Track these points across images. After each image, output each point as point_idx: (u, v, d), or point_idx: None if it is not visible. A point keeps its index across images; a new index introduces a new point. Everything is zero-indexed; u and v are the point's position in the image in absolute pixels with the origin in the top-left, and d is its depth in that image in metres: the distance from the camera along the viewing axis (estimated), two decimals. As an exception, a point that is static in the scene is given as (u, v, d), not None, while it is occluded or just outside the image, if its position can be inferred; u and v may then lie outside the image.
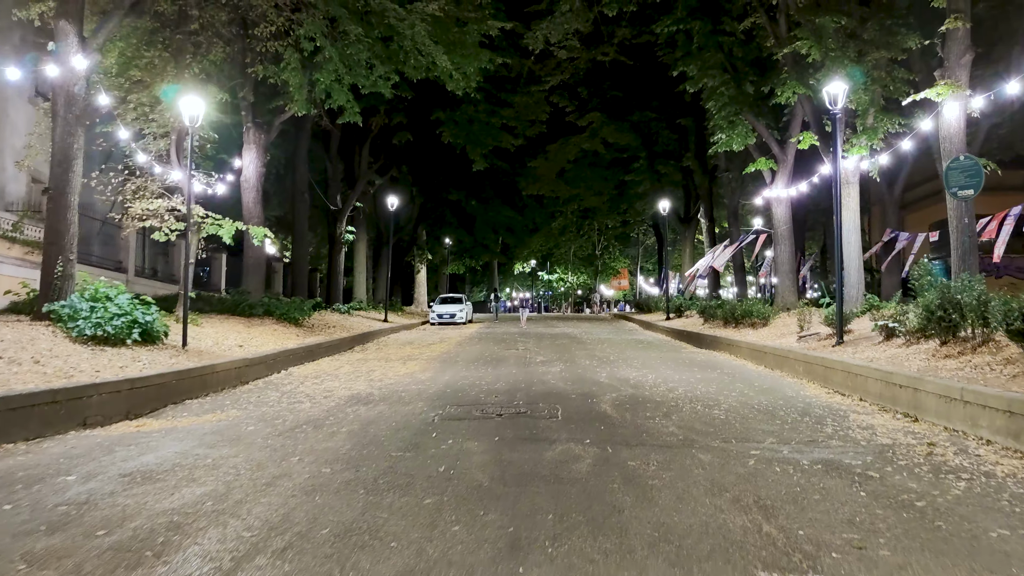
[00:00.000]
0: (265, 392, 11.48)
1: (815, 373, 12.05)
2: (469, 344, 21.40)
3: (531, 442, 7.13)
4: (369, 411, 9.29)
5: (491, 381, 12.35)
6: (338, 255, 30.16)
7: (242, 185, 20.60)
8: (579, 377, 12.75)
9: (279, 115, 20.69)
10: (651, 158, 36.08)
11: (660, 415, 8.74)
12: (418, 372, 14.05)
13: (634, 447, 6.91)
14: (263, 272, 21.33)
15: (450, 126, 31.29)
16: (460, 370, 14.25)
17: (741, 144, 20.42)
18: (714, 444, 7.06)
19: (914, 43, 15.00)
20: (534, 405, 9.52)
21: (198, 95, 19.17)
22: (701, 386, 11.49)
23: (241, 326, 17.82)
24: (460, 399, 10.25)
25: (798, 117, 19.98)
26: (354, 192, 30.34)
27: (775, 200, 20.90)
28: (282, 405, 10.01)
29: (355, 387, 11.88)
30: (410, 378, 13.05)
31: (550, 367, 14.54)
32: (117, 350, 11.19)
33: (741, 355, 16.24)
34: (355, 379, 13.02)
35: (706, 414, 8.84)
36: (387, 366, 15.29)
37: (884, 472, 5.99)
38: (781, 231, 20.87)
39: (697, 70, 20.54)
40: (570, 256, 69.95)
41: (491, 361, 16.04)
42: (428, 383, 12.23)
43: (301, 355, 16.16)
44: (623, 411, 9.02)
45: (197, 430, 8.09)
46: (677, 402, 9.81)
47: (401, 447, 6.97)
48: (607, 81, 34.04)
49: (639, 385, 11.63)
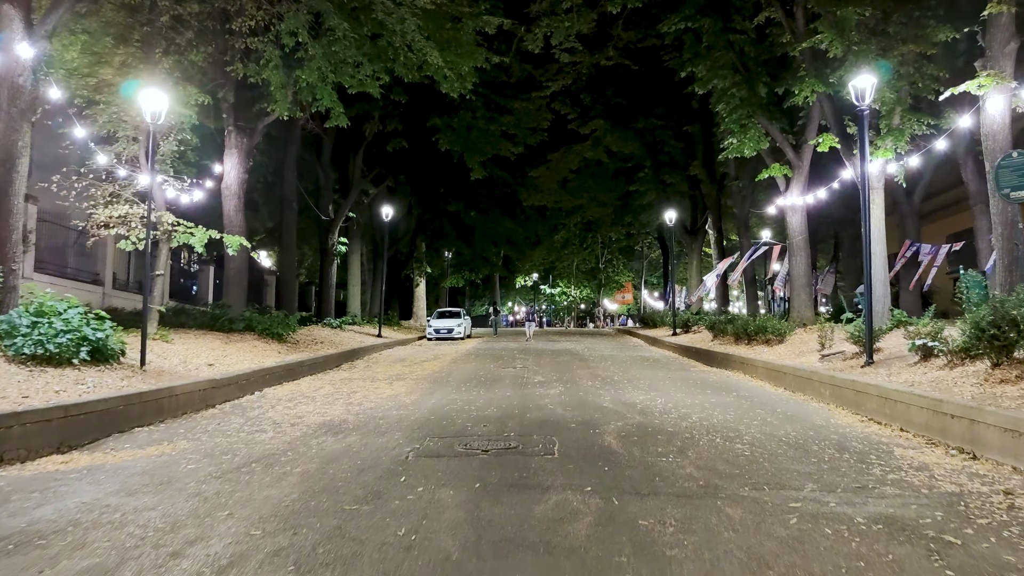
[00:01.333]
0: (228, 418, 10.23)
1: (844, 398, 10.76)
2: (464, 361, 20.13)
3: (519, 490, 5.85)
4: (336, 443, 8.03)
5: (482, 406, 11.08)
6: (330, 267, 28.90)
7: (223, 192, 19.43)
8: (580, 401, 11.47)
9: (263, 118, 19.53)
10: (656, 167, 34.85)
11: (674, 450, 7.46)
12: (404, 394, 12.78)
13: (646, 497, 5.63)
14: (244, 284, 20.11)
15: (447, 133, 30.05)
16: (450, 392, 12.98)
17: (753, 149, 19.19)
18: (743, 492, 5.79)
19: (945, 36, 13.79)
20: (527, 437, 8.24)
21: (174, 96, 18.14)
22: (717, 412, 10.20)
23: (218, 342, 16.59)
24: (443, 428, 8.98)
25: (814, 120, 18.78)
26: (347, 202, 29.12)
27: (790, 209, 19.65)
28: (241, 435, 8.75)
29: (330, 412, 10.62)
30: (393, 401, 11.78)
31: (549, 389, 13.26)
32: (61, 371, 9.93)
33: (757, 375, 14.95)
34: (332, 402, 11.76)
35: (727, 449, 7.56)
36: (371, 387, 14.03)
37: (964, 535, 4.71)
38: (796, 242, 19.61)
39: (706, 71, 19.35)
40: (573, 269, 68.67)
41: (485, 381, 14.77)
42: (412, 408, 10.96)
43: (279, 374, 14.90)
44: (630, 445, 7.74)
45: (127, 468, 6.83)
46: (692, 433, 8.53)
47: (359, 497, 5.69)
48: (610, 87, 32.87)
49: (647, 411, 10.35)
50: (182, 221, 14.94)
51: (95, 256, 22.66)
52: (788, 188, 19.70)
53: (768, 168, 19.52)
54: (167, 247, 15.14)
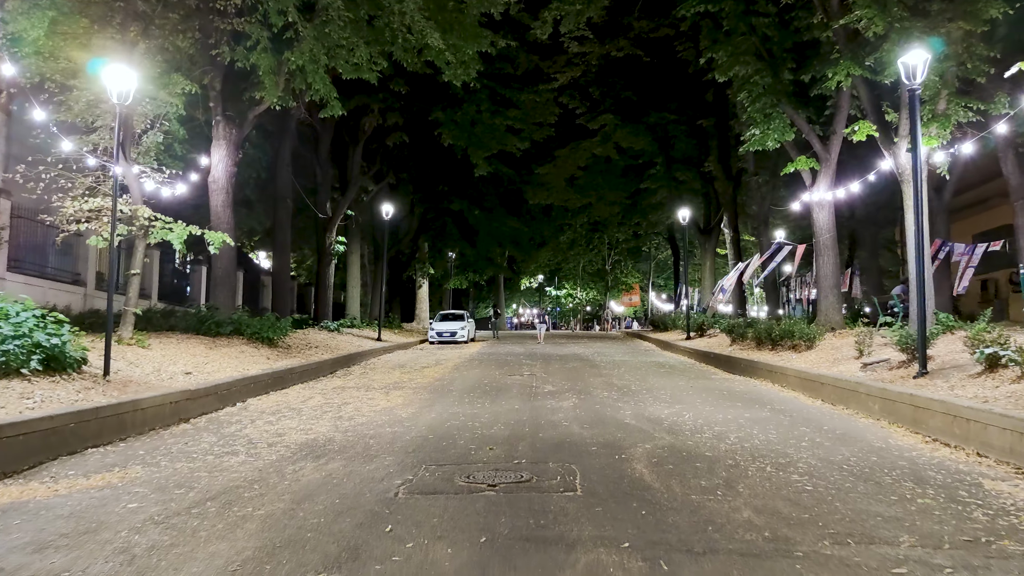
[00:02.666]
0: (199, 436, 8.97)
1: (899, 413, 9.46)
2: (468, 368, 18.86)
3: (537, 547, 4.56)
4: (315, 472, 6.77)
5: (487, 421, 9.81)
6: (327, 267, 27.60)
7: (210, 187, 18.20)
8: (598, 416, 10.19)
9: (253, 108, 18.28)
10: (668, 163, 33.49)
11: (720, 483, 6.18)
12: (400, 406, 11.52)
13: (701, 557, 4.35)
14: (234, 285, 18.87)
15: (450, 127, 28.68)
16: (451, 404, 11.71)
17: (777, 141, 17.89)
18: (823, 549, 4.51)
19: (997, 11, 12.49)
20: (542, 465, 6.97)
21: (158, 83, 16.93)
22: (757, 431, 8.91)
23: (202, 348, 15.34)
24: (443, 452, 7.70)
25: (843, 109, 17.46)
26: (345, 199, 27.80)
27: (816, 204, 18.33)
28: (207, 459, 7.50)
29: (315, 429, 9.36)
30: (388, 415, 10.52)
31: (561, 400, 11.97)
32: (6, 383, 8.67)
33: (789, 385, 13.64)
34: (320, 416, 10.51)
35: (783, 482, 6.28)
36: (365, 397, 12.77)
37: None
38: (824, 240, 18.28)
39: (727, 56, 18.02)
40: (579, 271, 67.31)
41: (490, 391, 13.50)
42: (408, 424, 9.70)
43: (266, 383, 13.66)
44: (666, 476, 6.46)
45: (53, 509, 5.57)
46: (735, 459, 7.25)
47: (331, 556, 4.42)
48: (621, 80, 31.52)
49: (676, 429, 9.06)
50: (160, 216, 13.70)
51: (77, 254, 21.43)
52: (815, 182, 18.38)
53: (793, 161, 18.20)
54: (143, 244, 13.90)
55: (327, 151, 27.35)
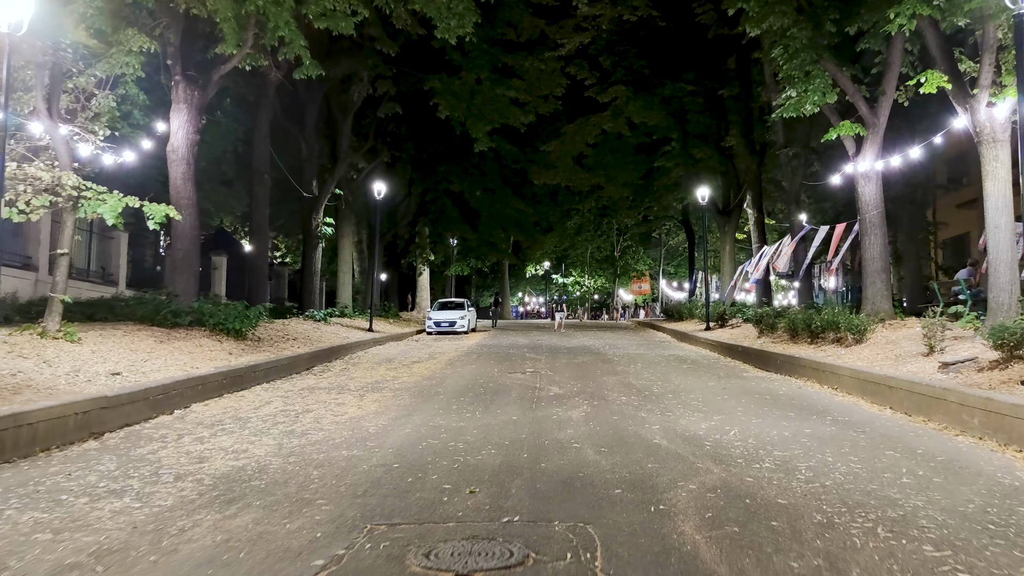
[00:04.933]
0: (96, 462, 6.79)
1: (1014, 432, 7.20)
2: (463, 363, 16.66)
3: None
4: (211, 535, 4.58)
5: (475, 441, 7.59)
6: (313, 252, 25.31)
7: (168, 156, 15.96)
8: (618, 433, 7.95)
9: (218, 67, 16.03)
10: (684, 140, 31.01)
11: (822, 567, 3.93)
12: (372, 415, 9.33)
13: None
14: (195, 268, 16.64)
15: (447, 97, 26.18)
16: (435, 412, 9.50)
17: (817, 103, 15.53)
18: None
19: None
20: (543, 528, 4.73)
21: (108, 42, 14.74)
22: (832, 457, 6.67)
23: (151, 341, 13.10)
24: (403, 497, 5.49)
25: (894, 65, 15.11)
26: (333, 177, 25.46)
27: (862, 177, 15.96)
28: (75, 506, 5.32)
29: (252, 451, 7.18)
30: (352, 429, 8.33)
31: (570, 409, 9.74)
32: None
33: (843, 387, 11.37)
34: (267, 430, 8.32)
35: (917, 561, 4.04)
36: (334, 402, 10.58)
37: None
38: (871, 217, 15.92)
39: (760, 6, 15.66)
40: (587, 258, 64.91)
41: (485, 395, 11.28)
42: (373, 443, 7.50)
43: (219, 384, 11.47)
44: (733, 548, 4.23)
45: None
46: (823, 510, 5.02)
47: None
48: (634, 48, 29.01)
49: (725, 455, 6.82)
50: (91, 184, 11.46)
51: (27, 236, 19.25)
52: (860, 151, 16.02)
53: (836, 126, 15.82)
54: (72, 217, 11.67)
55: (314, 124, 25.02)
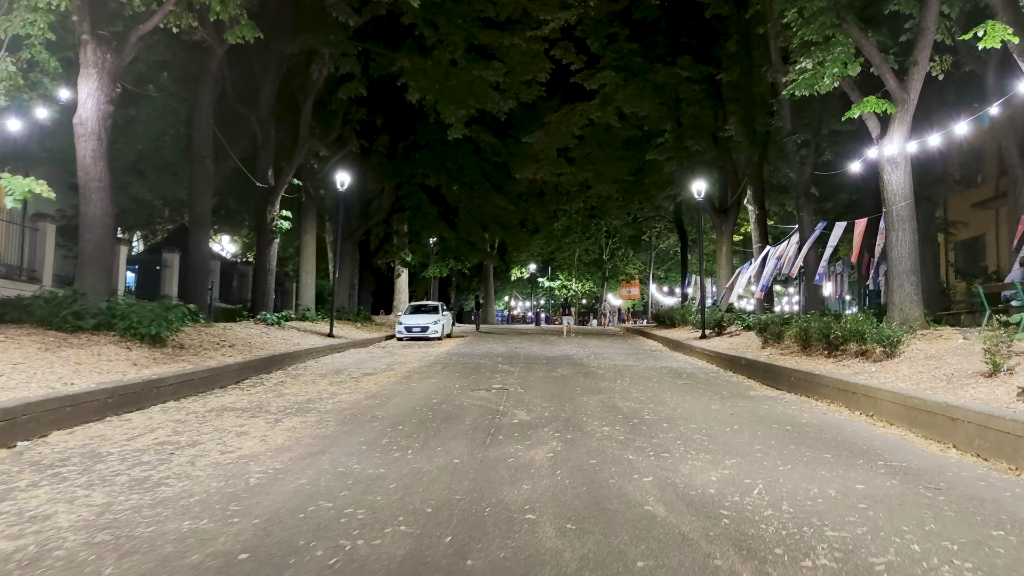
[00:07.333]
0: None
1: None
2: (423, 376, 14.26)
3: None
4: None
5: (385, 507, 5.18)
6: (267, 247, 22.77)
7: (76, 130, 13.50)
8: (593, 493, 5.57)
9: (137, 26, 13.61)
10: (679, 130, 28.68)
11: None
12: (270, 453, 6.93)
13: None
14: (108, 263, 14.15)
15: (417, 79, 23.61)
16: (354, 450, 7.09)
17: (837, 76, 13.26)
18: None
19: None
20: None
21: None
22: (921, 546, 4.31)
23: (32, 348, 10.66)
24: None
25: (928, 31, 12.86)
26: (291, 164, 22.94)
27: (888, 162, 13.68)
28: None
29: (55, 519, 4.84)
30: (230, 477, 5.94)
31: (533, 447, 7.34)
32: None
33: (881, 414, 9.05)
34: (112, 478, 5.95)
35: None
36: (238, 429, 8.17)
37: None
38: (898, 209, 13.65)
39: (772, -39, 13.47)
40: (574, 260, 62.61)
41: (431, 421, 8.88)
42: (242, 504, 5.12)
43: (101, 404, 9.04)
44: None
45: None
46: None
47: None
48: (625, 29, 26.71)
49: (753, 540, 4.45)
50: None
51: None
52: (886, 133, 13.73)
53: (859, 103, 13.51)
54: (-91, 194, 9.22)
55: (270, 108, 22.54)
